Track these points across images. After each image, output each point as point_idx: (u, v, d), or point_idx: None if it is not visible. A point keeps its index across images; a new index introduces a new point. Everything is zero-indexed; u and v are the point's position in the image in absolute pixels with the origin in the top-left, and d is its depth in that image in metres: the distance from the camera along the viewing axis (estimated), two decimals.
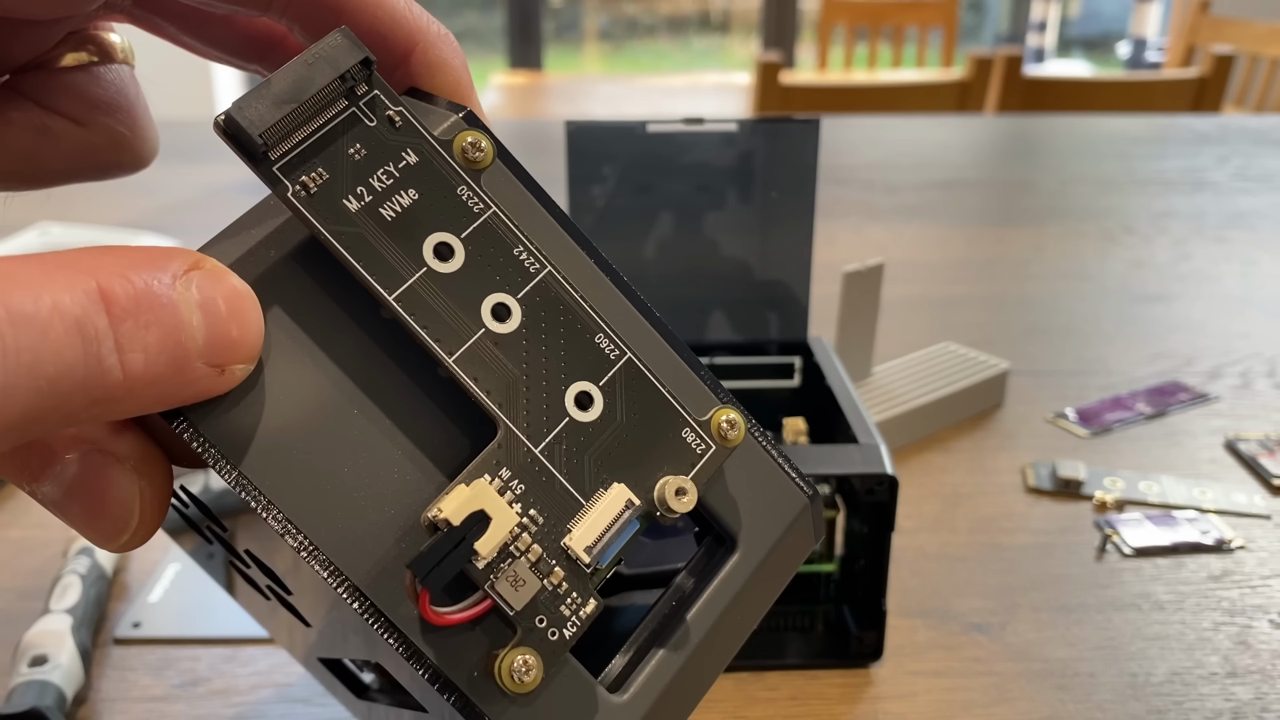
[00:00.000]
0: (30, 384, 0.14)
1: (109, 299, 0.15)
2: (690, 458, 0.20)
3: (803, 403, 0.45)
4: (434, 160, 0.18)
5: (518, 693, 0.17)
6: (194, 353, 0.15)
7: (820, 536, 0.22)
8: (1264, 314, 0.68)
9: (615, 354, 0.19)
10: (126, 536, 0.18)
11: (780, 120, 0.43)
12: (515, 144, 1.09)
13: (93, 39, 0.24)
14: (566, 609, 0.18)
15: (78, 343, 0.14)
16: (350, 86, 0.18)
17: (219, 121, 0.17)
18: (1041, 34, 3.90)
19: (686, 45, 4.53)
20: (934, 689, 0.35)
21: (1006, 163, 1.12)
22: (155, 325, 0.15)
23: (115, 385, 0.15)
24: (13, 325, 0.13)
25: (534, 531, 0.18)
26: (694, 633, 0.20)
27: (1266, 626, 0.38)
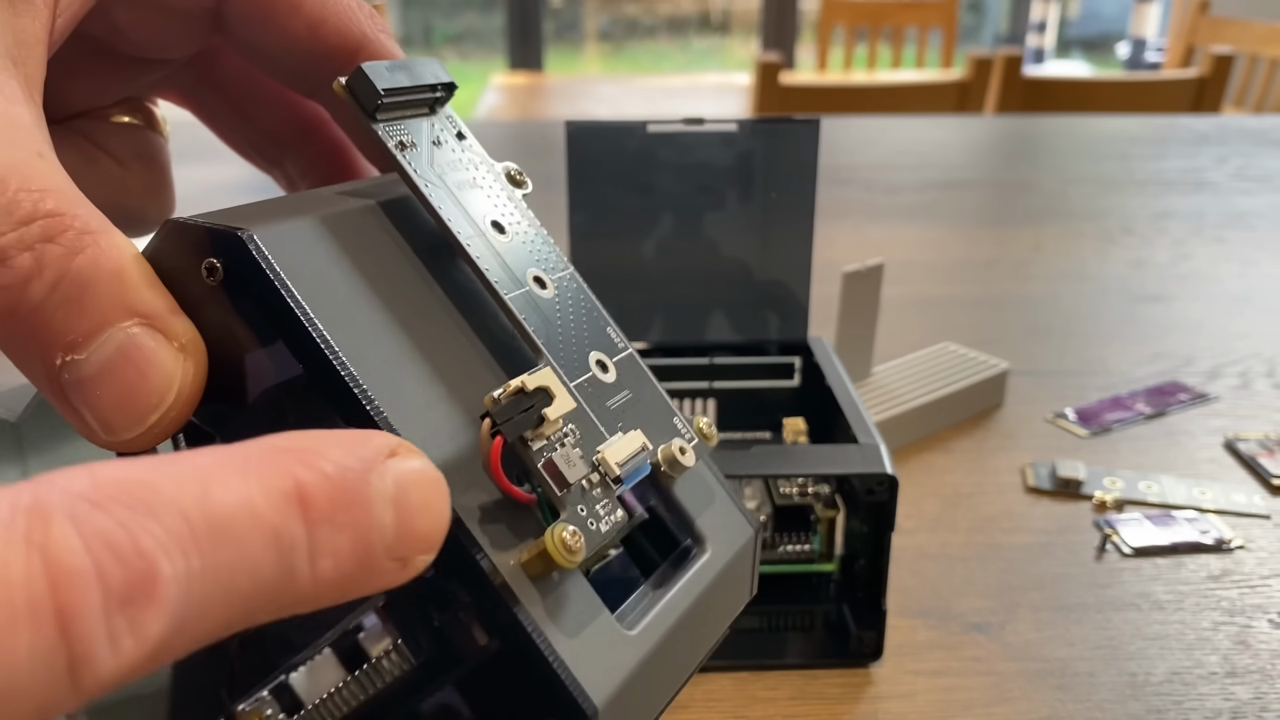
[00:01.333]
0: (224, 601, 0.13)
1: (306, 502, 0.14)
2: (684, 438, 0.22)
3: (803, 403, 0.45)
4: (490, 170, 0.23)
5: (563, 563, 0.18)
6: (382, 550, 0.15)
7: (755, 589, 0.25)
8: (1263, 314, 0.68)
9: (621, 345, 0.23)
10: (155, 417, 0.17)
11: (780, 120, 0.43)
12: (515, 144, 1.09)
13: (142, 107, 0.26)
14: (601, 509, 0.19)
15: (274, 556, 0.13)
16: (435, 99, 0.22)
17: (342, 81, 0.20)
18: (1041, 34, 3.90)
19: (686, 46, 4.53)
20: (934, 689, 0.35)
21: (1006, 163, 1.13)
22: (350, 527, 0.14)
23: (303, 593, 0.14)
24: (213, 541, 0.13)
25: (575, 439, 0.20)
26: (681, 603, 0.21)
27: (1266, 626, 0.38)
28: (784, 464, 0.35)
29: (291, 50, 0.23)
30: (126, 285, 0.17)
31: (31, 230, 0.17)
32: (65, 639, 0.11)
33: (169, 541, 0.12)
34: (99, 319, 0.17)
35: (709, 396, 0.46)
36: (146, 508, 0.12)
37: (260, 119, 0.27)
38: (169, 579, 0.12)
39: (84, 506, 0.12)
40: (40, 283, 0.17)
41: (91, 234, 0.17)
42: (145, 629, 0.12)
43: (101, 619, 0.12)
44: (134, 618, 0.12)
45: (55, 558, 0.12)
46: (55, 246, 0.17)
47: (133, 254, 0.18)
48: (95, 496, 0.12)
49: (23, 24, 0.19)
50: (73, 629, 0.12)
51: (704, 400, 0.46)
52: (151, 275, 0.18)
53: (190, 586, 0.13)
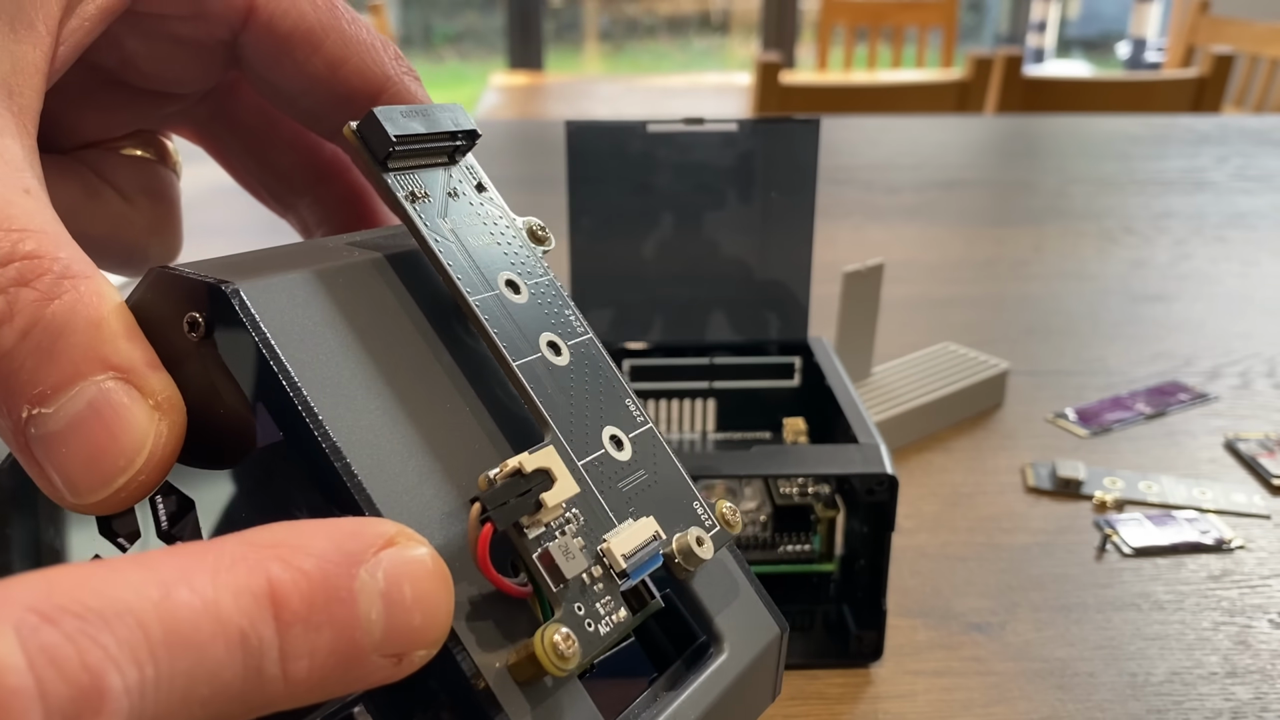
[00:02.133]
0: (182, 710, 0.13)
1: (279, 602, 0.13)
2: (702, 526, 0.20)
3: (803, 403, 0.45)
4: (510, 225, 0.21)
5: (553, 670, 0.16)
6: (369, 648, 0.14)
7: (778, 692, 0.22)
8: (1264, 314, 0.68)
9: (640, 420, 0.21)
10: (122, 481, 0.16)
11: (780, 120, 0.43)
12: (515, 144, 1.09)
13: (154, 141, 0.26)
14: (601, 608, 0.18)
15: (238, 659, 0.13)
16: (455, 147, 0.21)
17: (352, 126, 0.19)
18: (1041, 34, 3.90)
19: (686, 45, 4.53)
20: (934, 689, 0.35)
21: (1006, 163, 1.13)
22: (328, 625, 0.14)
23: (275, 693, 0.13)
24: (169, 649, 0.12)
25: (577, 526, 0.18)
26: (688, 713, 0.19)
27: (1266, 626, 0.38)
28: (784, 464, 0.35)
29: (310, 90, 0.22)
30: (103, 336, 0.16)
31: (6, 273, 0.16)
32: None
33: (120, 652, 0.12)
34: (70, 371, 0.16)
35: (709, 396, 0.46)
36: (99, 617, 0.12)
37: (276, 160, 0.26)
38: (118, 692, 0.12)
39: (32, 620, 0.12)
40: (10, 329, 0.16)
41: (71, 279, 0.17)
42: None
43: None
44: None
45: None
46: (30, 291, 0.16)
47: (114, 302, 0.17)
48: (45, 607, 0.12)
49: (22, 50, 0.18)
50: None
51: (704, 400, 0.46)
52: (132, 326, 0.17)
53: (144, 696, 0.12)
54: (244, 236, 0.83)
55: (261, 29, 0.22)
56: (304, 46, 0.22)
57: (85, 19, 0.19)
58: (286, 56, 0.22)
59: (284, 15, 0.22)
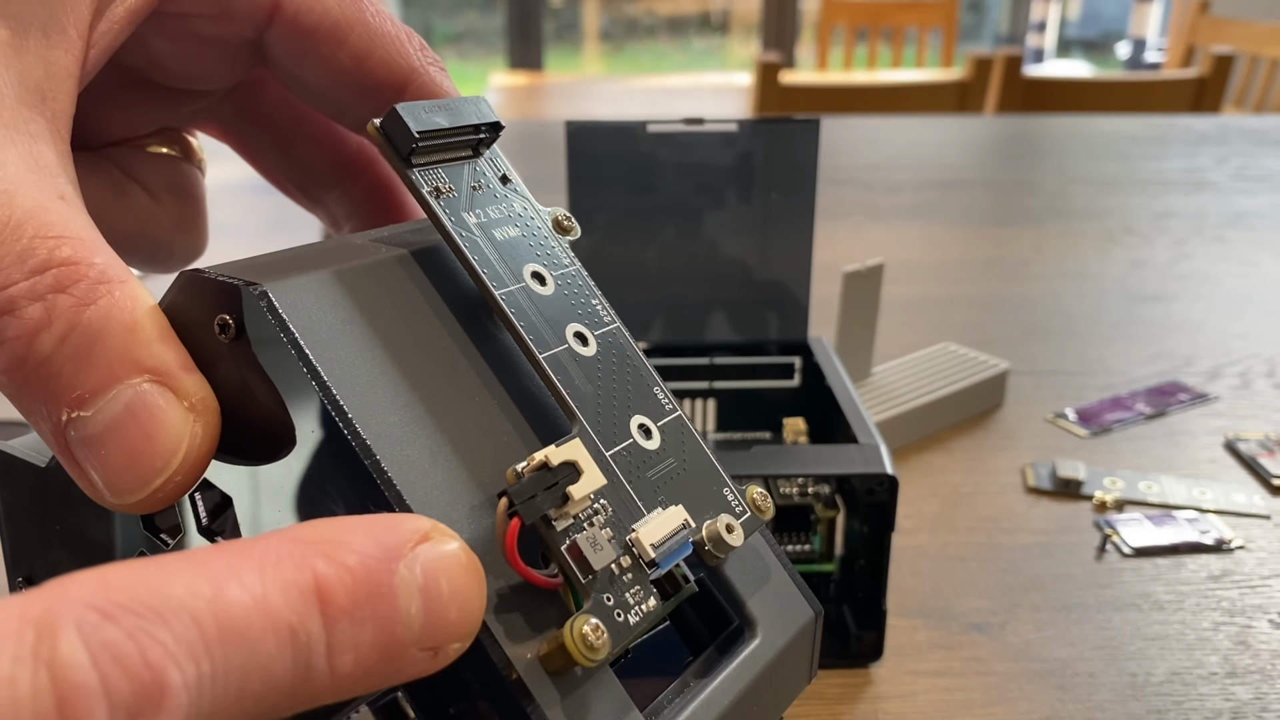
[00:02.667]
0: (236, 704, 0.13)
1: (325, 597, 0.14)
2: (732, 514, 0.20)
3: (803, 403, 0.45)
4: (535, 217, 0.22)
5: (583, 661, 0.17)
6: (408, 641, 0.14)
7: (814, 674, 0.23)
8: (1263, 314, 0.68)
9: (669, 407, 0.21)
10: (160, 481, 0.17)
11: (780, 120, 0.43)
12: (515, 144, 1.09)
13: (179, 138, 0.26)
14: (631, 597, 0.18)
15: (289, 654, 0.13)
16: (479, 140, 0.21)
17: (376, 123, 0.19)
18: (1041, 34, 3.90)
19: (686, 46, 4.53)
20: (934, 689, 0.35)
21: (1006, 163, 1.13)
22: (372, 620, 0.14)
23: (322, 688, 0.14)
24: (224, 644, 0.13)
25: (606, 517, 0.18)
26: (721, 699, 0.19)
27: (1266, 626, 0.38)
28: (784, 464, 0.35)
29: (336, 84, 0.22)
30: (138, 339, 0.17)
31: (44, 280, 0.17)
32: None
33: (178, 649, 0.12)
34: (107, 374, 0.17)
35: (709, 396, 0.46)
36: (156, 614, 0.12)
37: (304, 155, 0.26)
38: (178, 688, 0.12)
39: (92, 617, 0.12)
40: (49, 335, 0.16)
41: (106, 284, 0.17)
42: None
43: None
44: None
45: (61, 674, 0.12)
46: (67, 297, 0.17)
47: (148, 306, 0.17)
48: (104, 605, 0.12)
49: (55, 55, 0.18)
50: None
51: (704, 400, 0.46)
52: (166, 329, 0.17)
53: (201, 692, 0.12)
54: (255, 236, 0.83)
55: (287, 25, 0.22)
56: (329, 41, 0.22)
57: (114, 21, 0.19)
58: (312, 52, 0.22)
59: (309, 10, 0.22)
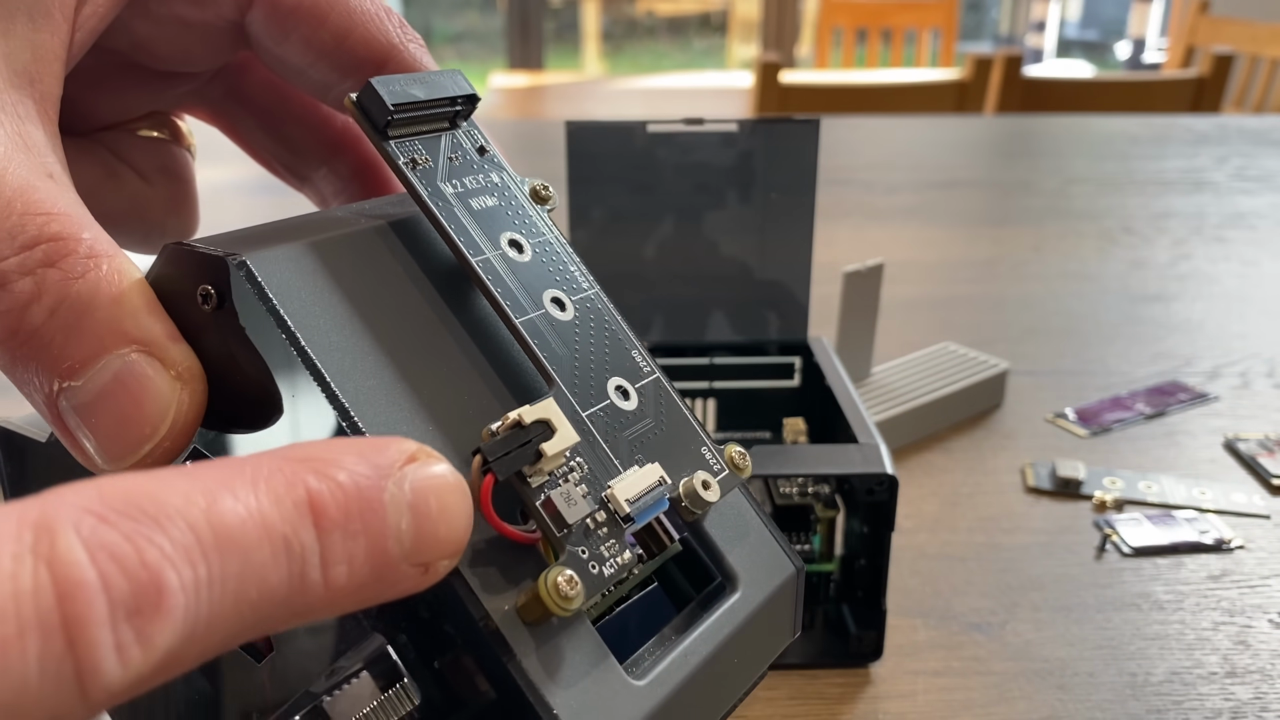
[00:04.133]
0: (234, 610, 0.13)
1: (318, 510, 0.14)
2: (710, 470, 0.21)
3: (803, 403, 0.45)
4: (512, 186, 0.22)
5: (557, 610, 0.17)
6: (399, 556, 0.15)
7: (798, 628, 0.23)
8: (1263, 314, 0.68)
9: (647, 369, 0.22)
10: (149, 447, 0.17)
11: (780, 120, 0.43)
12: (515, 144, 1.09)
13: (169, 121, 0.26)
14: (606, 550, 0.18)
15: (284, 564, 0.14)
16: (456, 112, 0.21)
17: (352, 97, 0.20)
18: (1041, 34, 3.90)
19: (686, 46, 4.53)
20: (933, 689, 0.35)
21: (1006, 163, 1.13)
22: (363, 534, 0.14)
23: (316, 599, 0.14)
24: (220, 551, 0.13)
25: (581, 474, 0.19)
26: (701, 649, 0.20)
27: (1266, 626, 0.38)
28: (784, 464, 0.35)
29: (318, 63, 0.23)
30: (125, 311, 0.17)
31: (34, 255, 0.17)
32: (73, 650, 0.12)
33: (175, 552, 0.13)
34: (96, 345, 0.17)
35: (709, 396, 0.46)
36: (153, 520, 0.13)
37: (290, 134, 0.26)
38: (175, 589, 0.12)
39: (90, 520, 0.12)
40: (39, 307, 0.17)
41: (94, 258, 0.17)
42: (152, 639, 0.12)
43: (108, 630, 0.12)
44: (141, 628, 0.12)
45: (62, 571, 0.12)
46: (56, 271, 0.17)
47: (135, 278, 0.18)
48: (101, 510, 0.12)
49: (41, 39, 0.19)
50: (80, 640, 0.12)
51: (704, 400, 0.46)
52: (152, 300, 0.18)
53: (199, 596, 0.13)
54: None
55: (267, 6, 0.22)
56: (310, 20, 0.22)
57: (99, 5, 0.20)
58: (293, 31, 0.22)
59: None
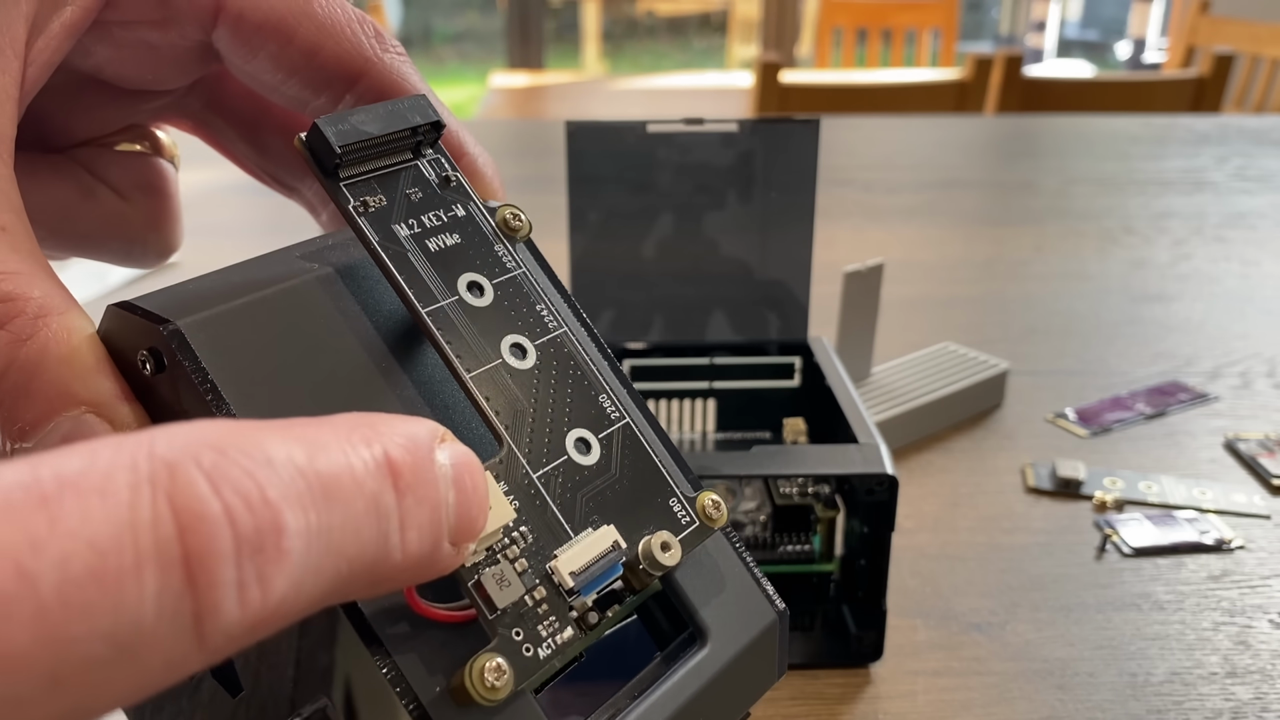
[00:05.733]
0: (332, 565, 0.13)
1: (395, 472, 0.14)
2: (676, 526, 0.20)
3: (803, 403, 0.45)
4: (478, 219, 0.21)
5: (483, 700, 0.16)
6: (444, 531, 0.15)
7: (783, 671, 0.22)
8: (1264, 314, 0.68)
9: (615, 415, 0.20)
10: None
11: (780, 120, 0.43)
12: (515, 144, 1.09)
13: (148, 134, 0.26)
14: (544, 629, 0.18)
15: (374, 523, 0.13)
16: (418, 142, 0.20)
17: (301, 138, 0.19)
18: (1041, 34, 3.90)
19: (686, 46, 4.53)
20: (933, 689, 0.35)
21: (1006, 163, 1.12)
22: (427, 502, 0.14)
23: (394, 567, 0.14)
24: (327, 500, 0.13)
25: (523, 546, 0.18)
26: (656, 717, 0.19)
27: (1266, 626, 0.38)
28: (784, 464, 0.35)
29: (290, 79, 0.22)
30: (74, 372, 0.17)
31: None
32: (192, 586, 0.11)
33: (290, 494, 0.12)
34: (45, 407, 0.17)
35: (709, 396, 0.46)
36: (267, 462, 0.12)
37: (272, 145, 0.26)
38: (293, 531, 0.12)
39: (210, 454, 0.12)
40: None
41: (44, 318, 0.17)
42: (271, 581, 0.12)
43: (231, 566, 0.11)
44: (262, 568, 0.12)
45: (183, 501, 0.11)
46: (4, 333, 0.17)
47: (85, 337, 0.18)
48: (219, 446, 0.12)
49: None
50: (201, 576, 0.11)
51: (704, 400, 0.46)
52: (102, 359, 0.18)
53: (310, 542, 0.12)
54: (255, 236, 0.82)
55: (232, 24, 0.21)
56: (277, 38, 0.21)
57: (51, 38, 0.19)
58: (261, 49, 0.22)
59: (254, 8, 0.21)
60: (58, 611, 0.10)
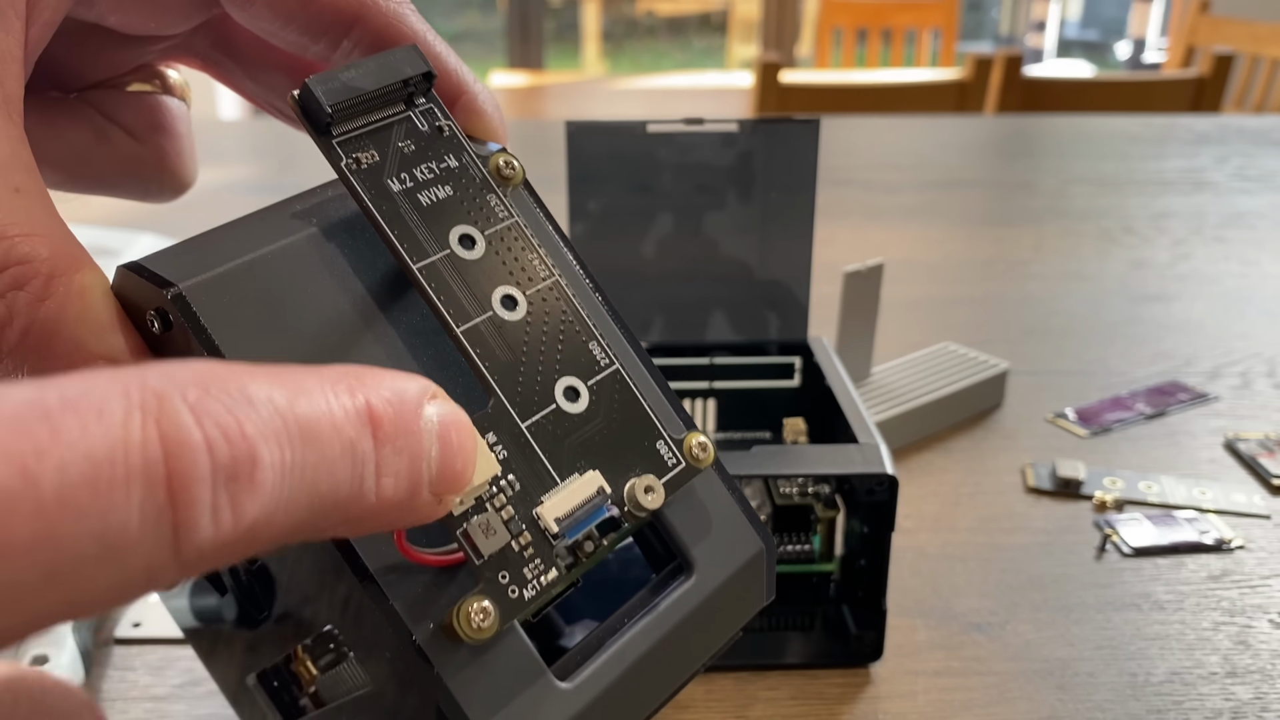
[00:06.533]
0: (305, 500, 0.14)
1: (375, 421, 0.15)
2: (662, 468, 0.21)
3: (803, 403, 0.45)
4: (471, 169, 0.21)
5: (471, 639, 0.18)
6: (426, 482, 0.16)
7: (772, 595, 0.23)
8: (1263, 314, 0.68)
9: (605, 362, 0.21)
10: None
11: (780, 120, 0.43)
12: (515, 144, 1.07)
13: (158, 73, 0.26)
14: (529, 571, 0.19)
15: (349, 464, 0.14)
16: (410, 93, 0.21)
17: (293, 95, 0.19)
18: (1041, 34, 3.90)
19: (686, 46, 4.53)
20: (933, 689, 0.35)
21: (1006, 163, 1.12)
22: (406, 452, 0.15)
23: (367, 508, 0.15)
24: (302, 440, 0.14)
25: (510, 495, 0.19)
26: (640, 644, 0.20)
27: (1266, 626, 0.38)
28: (784, 464, 0.35)
29: (287, 25, 0.22)
30: (90, 330, 0.18)
31: (3, 279, 0.18)
32: (174, 503, 0.12)
33: (267, 431, 0.13)
34: (65, 363, 0.18)
35: (709, 396, 0.46)
36: (246, 401, 0.13)
37: (279, 84, 0.26)
38: (267, 465, 0.13)
39: (194, 390, 0.13)
40: (11, 331, 0.18)
41: (61, 277, 0.18)
42: (244, 507, 0.13)
43: (208, 489, 0.13)
44: (235, 495, 0.13)
45: (170, 430, 0.12)
46: (24, 294, 0.18)
47: (100, 293, 0.18)
48: (203, 383, 0.13)
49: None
50: (181, 495, 0.12)
51: (704, 400, 0.46)
52: (116, 317, 0.18)
53: (283, 478, 0.13)
54: None
55: None
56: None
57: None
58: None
59: None
60: (56, 510, 0.11)
